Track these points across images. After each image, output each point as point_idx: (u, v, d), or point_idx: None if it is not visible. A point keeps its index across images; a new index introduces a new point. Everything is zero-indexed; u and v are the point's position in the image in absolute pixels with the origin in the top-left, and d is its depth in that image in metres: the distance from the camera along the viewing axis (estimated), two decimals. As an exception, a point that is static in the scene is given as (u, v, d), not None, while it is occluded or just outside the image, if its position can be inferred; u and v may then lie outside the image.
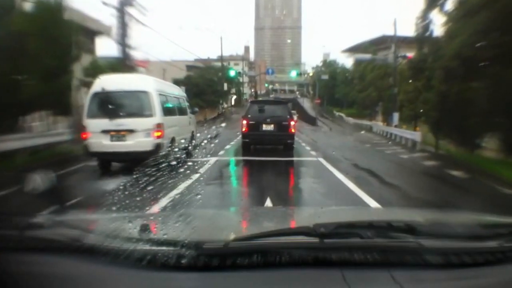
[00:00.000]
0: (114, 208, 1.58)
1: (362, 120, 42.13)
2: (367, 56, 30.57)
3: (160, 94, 9.27)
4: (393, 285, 0.97)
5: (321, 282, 0.99)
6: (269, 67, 42.05)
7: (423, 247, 1.06)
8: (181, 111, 11.25)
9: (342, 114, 51.10)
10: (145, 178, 1.67)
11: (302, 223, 1.37)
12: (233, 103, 68.58)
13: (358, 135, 26.55)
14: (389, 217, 1.62)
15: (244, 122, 12.27)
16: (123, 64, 20.57)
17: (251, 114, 12.38)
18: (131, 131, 8.59)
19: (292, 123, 12.42)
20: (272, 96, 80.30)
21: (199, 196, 3.40)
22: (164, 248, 1.05)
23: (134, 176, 1.66)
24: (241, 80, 66.74)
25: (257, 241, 1.07)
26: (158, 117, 8.81)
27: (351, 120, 45.04)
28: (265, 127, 12.18)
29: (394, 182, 8.48)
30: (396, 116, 25.80)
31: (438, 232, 1.16)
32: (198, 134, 11.34)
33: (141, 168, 1.65)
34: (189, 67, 53.11)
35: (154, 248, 1.06)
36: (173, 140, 9.44)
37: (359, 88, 40.32)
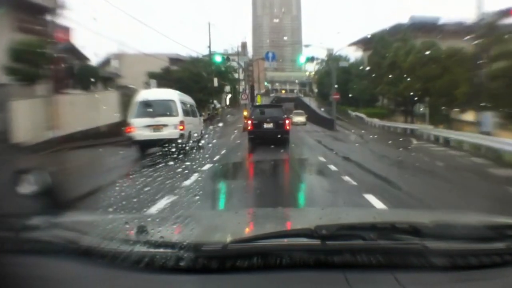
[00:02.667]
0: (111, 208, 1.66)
1: (393, 122, 31.24)
2: (431, 16, 19.37)
3: (181, 102, 12.74)
4: (397, 287, 0.92)
5: (323, 285, 0.96)
6: (268, 51, 30.38)
7: (428, 249, 1.01)
8: (194, 114, 14.40)
9: (362, 115, 39.88)
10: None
11: (303, 224, 1.27)
12: (228, 102, 58.25)
13: (419, 149, 15.55)
14: (392, 219, 1.48)
15: (249, 122, 14.84)
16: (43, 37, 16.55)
17: (255, 115, 15.03)
18: (164, 125, 11.74)
19: (287, 121, 14.66)
20: (272, 95, 74.85)
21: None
22: (162, 250, 1.01)
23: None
24: (236, 76, 56.81)
25: (257, 243, 1.04)
26: (181, 116, 12.11)
27: (376, 122, 34.06)
28: (266, 125, 14.38)
29: None
30: (489, 117, 14.81)
31: (443, 234, 1.09)
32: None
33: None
34: (173, 60, 44.09)
35: (152, 250, 1.02)
36: (190, 133, 12.48)
37: (390, 80, 29.30)
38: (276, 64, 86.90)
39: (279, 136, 13.81)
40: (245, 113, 27.12)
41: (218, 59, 33.75)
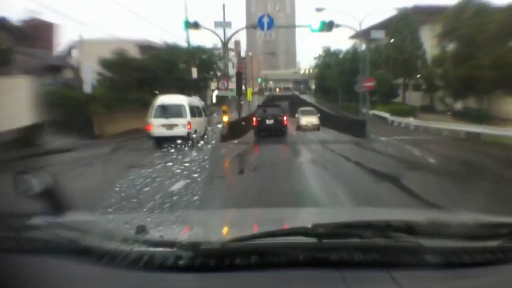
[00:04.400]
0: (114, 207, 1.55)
1: (440, 122, 20.77)
2: None
3: (189, 105, 15.02)
4: (392, 285, 0.91)
5: (320, 282, 0.94)
6: (263, 14, 19.76)
7: (423, 247, 1.01)
8: (199, 114, 16.32)
9: (384, 113, 29.07)
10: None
11: (300, 223, 1.22)
12: (214, 100, 47.68)
13: None
14: (388, 217, 1.38)
15: (254, 118, 18.02)
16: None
17: (258, 113, 18.22)
18: (176, 125, 14.13)
19: (285, 118, 17.90)
20: (267, 93, 70.51)
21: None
22: (161, 249, 1.00)
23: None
24: (223, 67, 46.58)
25: (255, 242, 1.03)
26: (188, 118, 14.46)
27: (411, 123, 23.50)
28: (267, 121, 17.57)
29: None
30: None
31: (437, 232, 1.08)
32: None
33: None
34: (144, 48, 34.48)
35: (151, 249, 1.01)
36: (196, 131, 14.93)
37: (443, 57, 18.64)
38: (273, 35, 79.35)
39: (278, 130, 17.46)
40: (225, 117, 16.72)
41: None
